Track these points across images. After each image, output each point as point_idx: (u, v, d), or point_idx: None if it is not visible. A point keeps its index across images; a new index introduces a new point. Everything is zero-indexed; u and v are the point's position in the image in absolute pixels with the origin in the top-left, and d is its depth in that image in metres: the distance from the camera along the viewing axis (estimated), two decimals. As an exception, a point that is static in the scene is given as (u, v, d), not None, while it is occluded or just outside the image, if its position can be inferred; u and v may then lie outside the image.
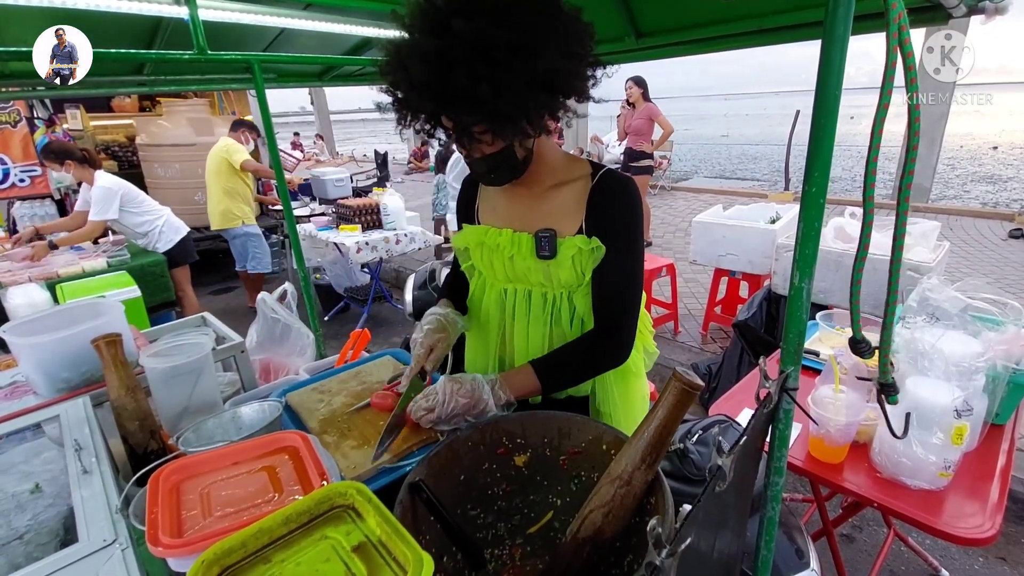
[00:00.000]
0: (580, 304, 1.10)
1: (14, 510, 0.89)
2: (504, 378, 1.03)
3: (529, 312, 1.13)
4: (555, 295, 1.10)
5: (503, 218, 1.14)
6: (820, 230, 0.60)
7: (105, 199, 3.56)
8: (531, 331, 1.13)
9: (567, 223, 1.05)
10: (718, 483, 0.52)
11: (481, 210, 1.19)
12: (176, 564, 0.64)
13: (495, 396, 0.99)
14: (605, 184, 1.04)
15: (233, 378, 1.49)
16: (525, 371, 1.05)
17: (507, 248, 1.09)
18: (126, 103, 6.01)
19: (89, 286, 2.60)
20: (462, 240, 1.20)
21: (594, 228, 1.03)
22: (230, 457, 0.81)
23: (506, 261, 1.11)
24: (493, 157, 0.96)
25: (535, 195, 1.09)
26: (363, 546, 0.62)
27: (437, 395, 0.97)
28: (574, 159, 1.10)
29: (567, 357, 1.08)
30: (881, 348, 0.65)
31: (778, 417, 0.68)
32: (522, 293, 1.13)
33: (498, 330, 1.19)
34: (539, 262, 1.06)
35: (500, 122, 0.86)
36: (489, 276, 1.18)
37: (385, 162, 10.20)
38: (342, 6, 1.56)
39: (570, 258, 1.04)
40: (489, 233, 1.13)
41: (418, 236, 4.52)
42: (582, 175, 1.06)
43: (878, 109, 0.56)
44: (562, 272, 1.06)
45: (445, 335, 1.13)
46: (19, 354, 1.25)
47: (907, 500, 1.25)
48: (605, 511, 0.78)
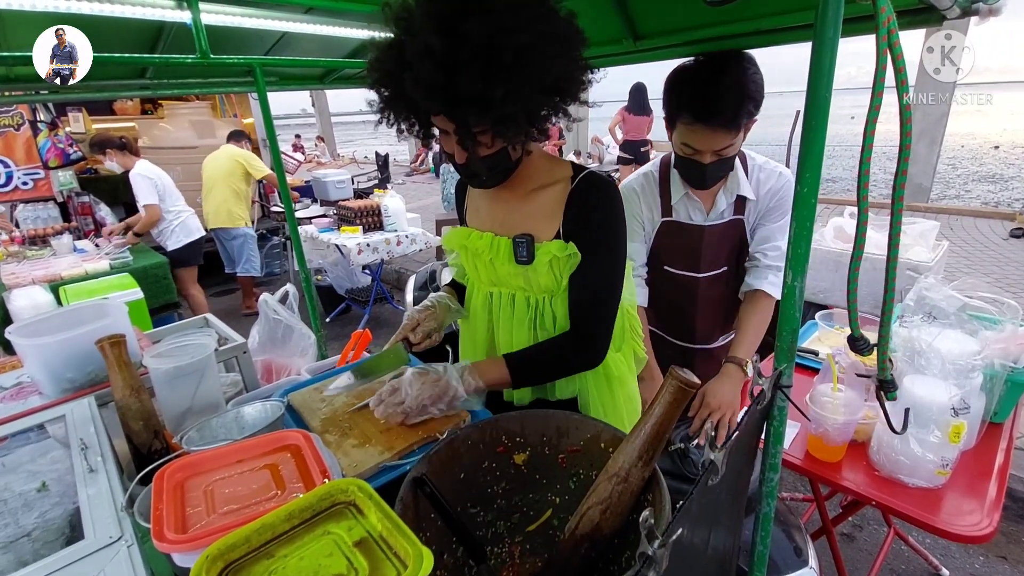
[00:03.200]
0: (560, 309, 1.10)
1: (21, 508, 0.90)
2: (475, 366, 1.05)
3: (513, 315, 1.13)
4: (537, 299, 1.10)
5: (486, 221, 1.14)
6: (812, 229, 0.61)
7: (142, 186, 3.83)
8: (515, 334, 1.13)
9: (545, 227, 1.05)
10: (711, 477, 0.53)
11: (468, 212, 1.20)
12: (181, 559, 0.65)
13: (464, 383, 1.01)
14: (584, 187, 1.02)
15: (235, 378, 1.51)
16: (497, 362, 1.07)
17: (487, 252, 1.09)
18: (128, 106, 6.03)
19: (92, 288, 2.62)
20: (448, 241, 1.21)
21: (571, 232, 1.03)
22: (233, 455, 0.82)
23: (487, 265, 1.11)
24: (489, 159, 0.96)
25: (517, 198, 1.08)
26: (365, 541, 0.64)
27: (404, 388, 1.00)
28: (557, 161, 1.10)
29: (538, 355, 1.09)
30: (880, 345, 0.66)
31: (772, 414, 0.69)
32: (506, 296, 1.13)
33: (486, 330, 1.19)
34: (518, 267, 1.06)
35: (505, 125, 0.86)
36: (474, 279, 1.19)
37: (386, 164, 10.22)
38: (343, 9, 1.57)
39: (547, 263, 1.03)
40: (472, 236, 1.13)
41: (419, 237, 4.54)
42: (562, 178, 1.05)
43: (869, 110, 0.57)
44: (540, 277, 1.06)
45: (434, 312, 1.16)
46: (25, 355, 1.26)
47: (905, 498, 1.26)
48: (603, 508, 0.79)
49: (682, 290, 1.56)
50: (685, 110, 1.27)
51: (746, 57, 1.25)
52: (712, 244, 1.50)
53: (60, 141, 4.72)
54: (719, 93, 1.21)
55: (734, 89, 1.21)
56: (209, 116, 5.93)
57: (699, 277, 1.54)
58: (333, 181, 5.46)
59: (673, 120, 1.34)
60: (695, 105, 1.25)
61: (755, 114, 1.26)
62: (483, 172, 0.99)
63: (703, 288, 1.55)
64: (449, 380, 1.00)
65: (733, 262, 1.55)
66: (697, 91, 1.24)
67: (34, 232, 4.03)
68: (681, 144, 1.34)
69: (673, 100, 1.31)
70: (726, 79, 1.21)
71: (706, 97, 1.22)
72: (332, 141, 15.70)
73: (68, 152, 4.76)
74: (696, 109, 1.25)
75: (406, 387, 1.01)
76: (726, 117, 1.23)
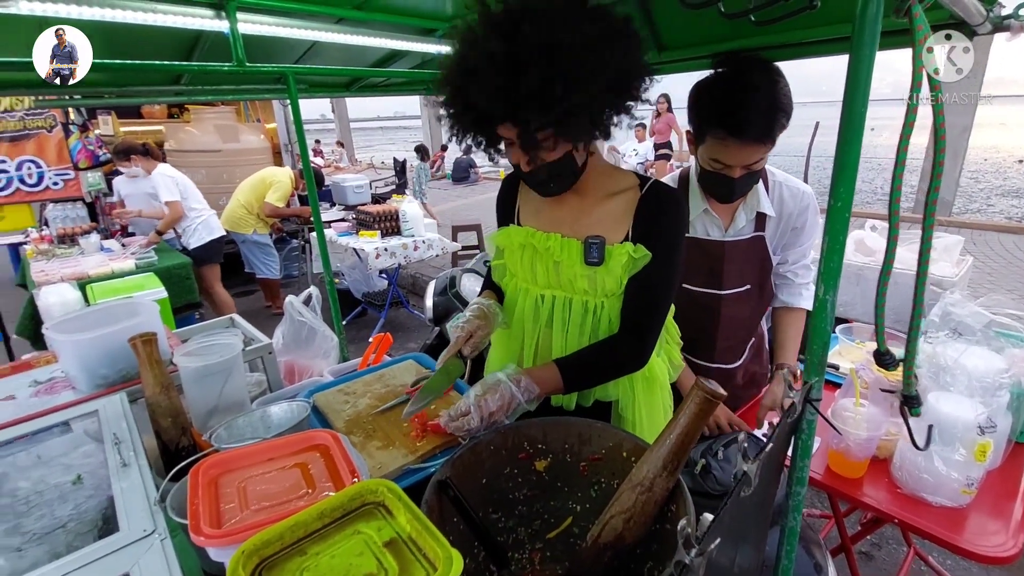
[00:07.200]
0: (615, 314, 1.11)
1: (57, 500, 0.93)
2: (528, 373, 1.02)
3: (568, 321, 1.13)
4: (596, 304, 1.10)
5: (549, 222, 1.14)
6: (845, 243, 0.61)
7: (166, 184, 3.99)
8: (568, 340, 1.13)
9: (615, 231, 1.07)
10: (744, 488, 0.53)
11: (522, 211, 1.19)
12: (216, 554, 0.67)
13: (523, 392, 0.99)
14: (655, 194, 1.06)
15: (260, 378, 1.53)
16: (549, 367, 1.05)
17: (555, 253, 1.10)
18: (155, 110, 6.19)
19: (117, 287, 2.68)
20: (504, 239, 1.20)
21: (640, 237, 1.05)
22: (265, 453, 0.84)
23: (550, 266, 1.12)
24: (554, 165, 0.98)
25: (585, 202, 1.10)
26: (394, 542, 0.65)
27: (469, 409, 0.95)
28: (620, 170, 1.12)
29: (591, 357, 1.09)
30: (906, 360, 0.66)
31: (801, 427, 0.69)
32: (561, 301, 1.13)
33: (533, 336, 1.18)
34: (586, 268, 1.08)
35: (567, 124, 0.87)
36: (526, 280, 1.18)
37: (404, 169, 10.32)
38: (372, 19, 1.61)
39: (619, 266, 1.05)
40: (536, 236, 1.13)
41: (435, 243, 4.57)
42: (630, 186, 1.08)
43: (904, 126, 0.57)
44: (608, 279, 1.07)
45: (486, 323, 1.13)
46: (60, 350, 1.30)
47: (928, 517, 1.24)
48: (626, 517, 0.79)
49: (702, 308, 1.54)
50: (716, 124, 1.25)
51: (774, 68, 1.24)
52: (735, 260, 1.48)
53: (90, 143, 4.85)
54: (752, 106, 1.19)
55: (767, 102, 1.20)
56: (233, 121, 6.06)
57: (721, 294, 1.51)
58: (352, 186, 5.53)
59: (701, 134, 1.32)
60: (727, 119, 1.22)
61: (786, 126, 1.25)
62: (549, 178, 1.01)
63: (726, 306, 1.52)
64: (512, 392, 0.98)
65: (756, 280, 1.53)
66: (728, 105, 1.22)
67: (63, 231, 4.15)
68: (710, 159, 1.31)
69: (702, 114, 1.29)
70: (758, 92, 1.20)
71: (738, 111, 1.20)
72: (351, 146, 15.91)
73: (97, 154, 4.89)
74: (728, 123, 1.22)
75: (473, 407, 0.96)
76: (760, 131, 1.21)
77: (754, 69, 1.23)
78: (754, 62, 1.26)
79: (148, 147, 4.16)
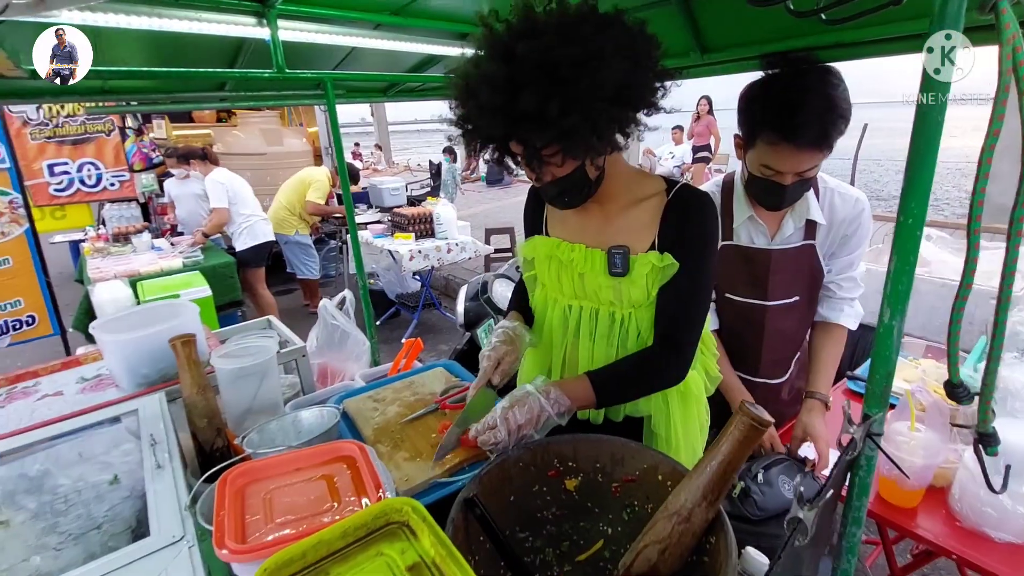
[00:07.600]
0: (645, 325, 1.07)
1: (94, 500, 0.95)
2: (558, 385, 0.99)
3: (595, 331, 1.10)
4: (623, 315, 1.07)
5: (574, 233, 1.12)
6: (915, 264, 0.56)
7: (214, 191, 4.15)
8: (596, 351, 1.11)
9: (640, 240, 1.03)
10: (798, 537, 0.48)
11: (550, 221, 1.18)
12: (239, 569, 0.67)
13: (553, 405, 0.96)
14: (681, 199, 1.01)
15: (293, 380, 1.55)
16: (580, 380, 1.02)
17: (579, 264, 1.08)
18: (205, 114, 6.45)
19: (165, 284, 2.79)
20: (531, 250, 1.18)
21: (667, 244, 1.01)
22: (292, 463, 0.83)
23: (575, 277, 1.10)
24: (565, 180, 0.95)
25: (610, 211, 1.07)
26: (417, 567, 0.62)
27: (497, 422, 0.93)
28: (647, 175, 1.08)
29: (624, 370, 1.05)
30: (983, 393, 0.59)
31: (859, 464, 0.63)
32: (588, 311, 1.11)
33: (561, 347, 1.16)
34: (610, 279, 1.05)
35: (570, 141, 0.85)
36: (555, 291, 1.16)
37: (439, 172, 10.42)
38: (408, 25, 1.61)
39: (643, 276, 1.01)
40: (561, 247, 1.11)
41: (468, 246, 4.58)
42: (657, 191, 1.04)
43: (987, 136, 0.51)
44: (633, 290, 1.03)
45: (514, 348, 1.11)
46: (105, 349, 1.35)
47: (991, 554, 1.14)
48: (661, 547, 0.75)
49: (746, 319, 1.47)
50: (769, 128, 1.19)
51: (834, 71, 1.17)
52: (783, 270, 1.40)
53: (145, 146, 5.09)
54: (808, 109, 1.13)
55: (825, 105, 1.13)
56: (277, 125, 6.25)
57: (768, 306, 1.43)
58: (388, 188, 5.60)
59: (752, 139, 1.25)
60: (781, 122, 1.16)
61: (844, 132, 1.17)
62: (561, 193, 0.99)
63: (772, 318, 1.44)
64: (541, 404, 0.95)
65: (806, 291, 1.44)
66: (783, 107, 1.16)
67: (118, 230, 4.35)
68: (760, 165, 1.25)
69: (755, 117, 1.23)
70: (815, 95, 1.13)
71: (794, 113, 1.14)
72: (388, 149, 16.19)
73: (151, 156, 5.13)
74: (782, 126, 1.16)
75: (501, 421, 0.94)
76: (816, 135, 1.14)
77: (813, 71, 1.17)
78: (813, 64, 1.19)
79: (207, 151, 4.37)
